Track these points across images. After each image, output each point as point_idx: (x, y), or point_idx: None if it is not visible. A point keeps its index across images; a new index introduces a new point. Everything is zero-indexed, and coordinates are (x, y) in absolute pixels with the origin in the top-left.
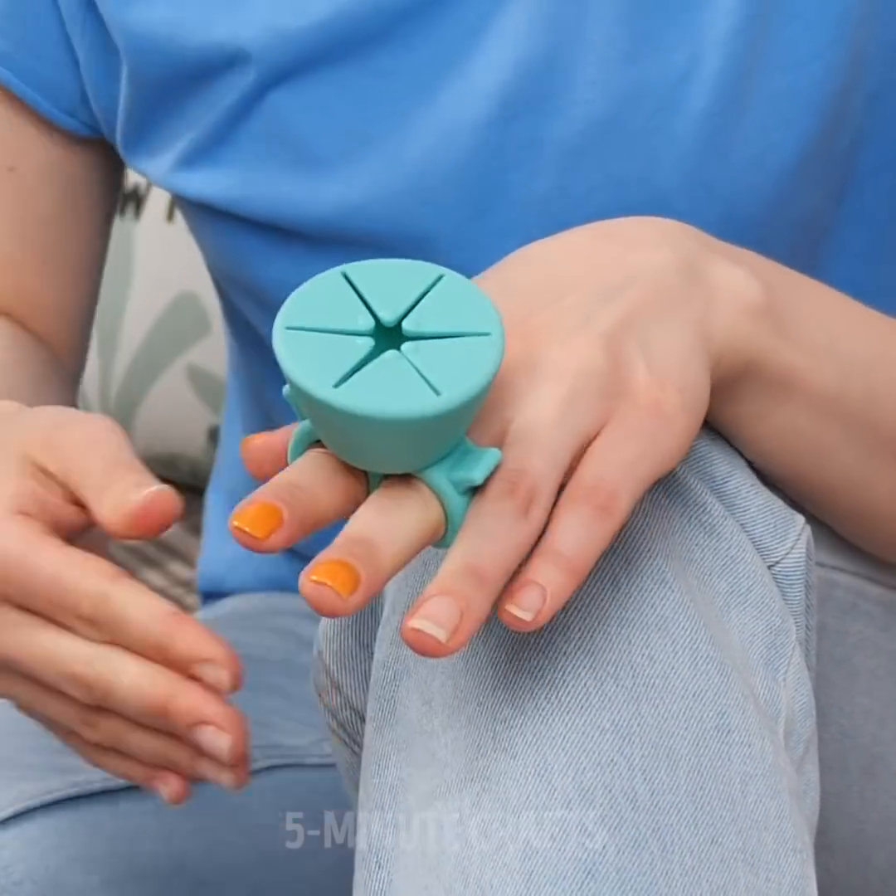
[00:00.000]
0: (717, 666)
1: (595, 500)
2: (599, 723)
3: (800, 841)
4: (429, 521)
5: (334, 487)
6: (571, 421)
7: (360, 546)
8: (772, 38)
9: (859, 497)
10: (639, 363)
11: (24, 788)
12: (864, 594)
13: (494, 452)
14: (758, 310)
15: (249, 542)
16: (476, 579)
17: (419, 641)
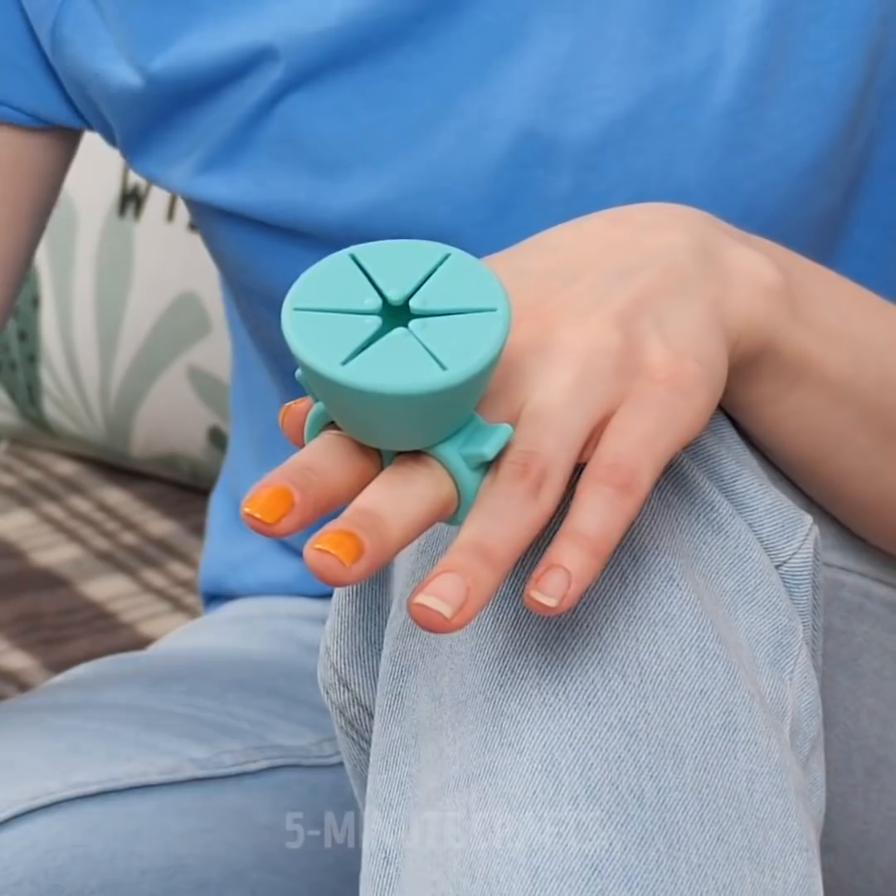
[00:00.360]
0: (724, 664)
1: (616, 478)
2: (606, 719)
3: (805, 839)
4: (439, 497)
5: (347, 467)
6: (585, 401)
7: (366, 517)
8: (795, 36)
9: (871, 485)
10: (655, 339)
11: (24, 789)
12: (870, 595)
13: (506, 428)
14: (774, 291)
15: (260, 527)
16: (484, 558)
17: (424, 616)
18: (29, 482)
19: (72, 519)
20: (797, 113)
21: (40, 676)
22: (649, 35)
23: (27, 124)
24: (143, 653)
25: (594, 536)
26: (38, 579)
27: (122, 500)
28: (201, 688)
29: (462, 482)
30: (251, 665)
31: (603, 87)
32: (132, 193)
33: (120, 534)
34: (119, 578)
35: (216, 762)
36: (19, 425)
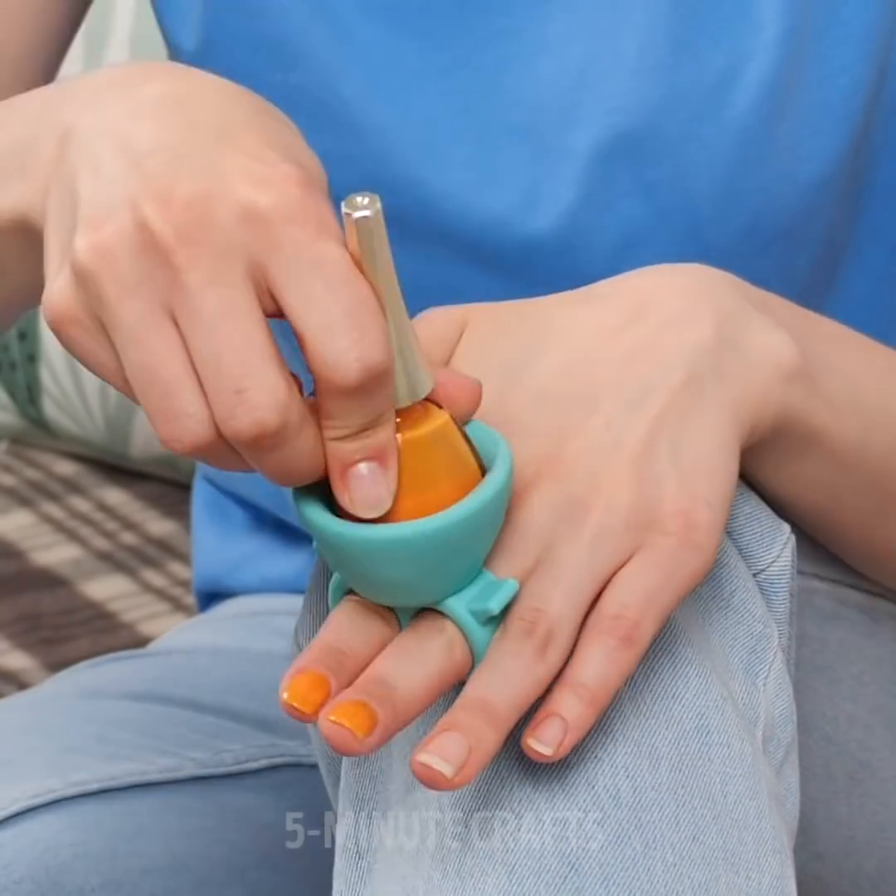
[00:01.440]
0: (696, 668)
1: (618, 631)
2: None
3: (779, 841)
4: (453, 662)
5: (370, 638)
6: (595, 560)
7: (379, 686)
8: (807, 52)
9: (873, 537)
10: (668, 481)
11: (25, 788)
12: (845, 601)
13: (512, 583)
14: (792, 371)
15: (300, 717)
16: (488, 717)
17: (427, 776)
18: (29, 482)
19: (72, 519)
20: (805, 128)
21: (40, 676)
22: (663, 47)
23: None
24: (143, 651)
25: (593, 687)
26: (38, 579)
27: (121, 500)
28: (202, 686)
29: (472, 637)
30: (252, 662)
31: (615, 98)
32: None
33: (120, 534)
34: (119, 578)
35: (217, 761)
36: (19, 425)
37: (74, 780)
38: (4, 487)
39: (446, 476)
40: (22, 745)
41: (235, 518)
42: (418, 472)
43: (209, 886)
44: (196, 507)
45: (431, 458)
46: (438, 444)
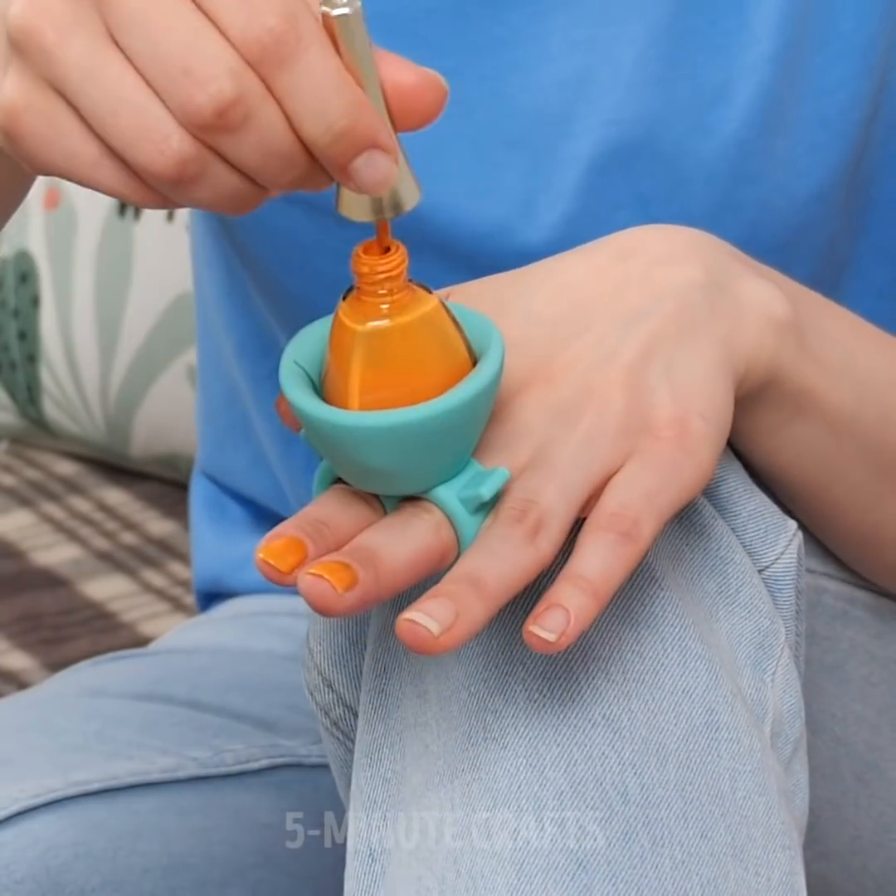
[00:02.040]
0: (706, 664)
1: (618, 526)
2: (591, 716)
3: (788, 837)
4: (439, 542)
5: (355, 517)
6: (588, 459)
7: (361, 552)
8: (803, 66)
9: (865, 518)
10: (662, 393)
11: (25, 787)
12: (854, 601)
13: (503, 471)
14: (783, 325)
15: (273, 574)
16: (475, 589)
17: (411, 632)
18: (29, 482)
19: (72, 519)
20: (802, 142)
21: (40, 676)
22: (660, 60)
23: None
24: (144, 650)
25: (595, 580)
26: (38, 579)
27: (121, 500)
28: (202, 685)
29: (460, 525)
30: (252, 662)
31: (612, 109)
32: None
33: (120, 534)
34: (119, 578)
35: (217, 761)
36: (19, 425)
37: (75, 780)
38: (4, 487)
39: (437, 363)
40: (23, 745)
41: (235, 517)
42: (408, 358)
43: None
44: (195, 506)
45: (422, 344)
46: (428, 329)
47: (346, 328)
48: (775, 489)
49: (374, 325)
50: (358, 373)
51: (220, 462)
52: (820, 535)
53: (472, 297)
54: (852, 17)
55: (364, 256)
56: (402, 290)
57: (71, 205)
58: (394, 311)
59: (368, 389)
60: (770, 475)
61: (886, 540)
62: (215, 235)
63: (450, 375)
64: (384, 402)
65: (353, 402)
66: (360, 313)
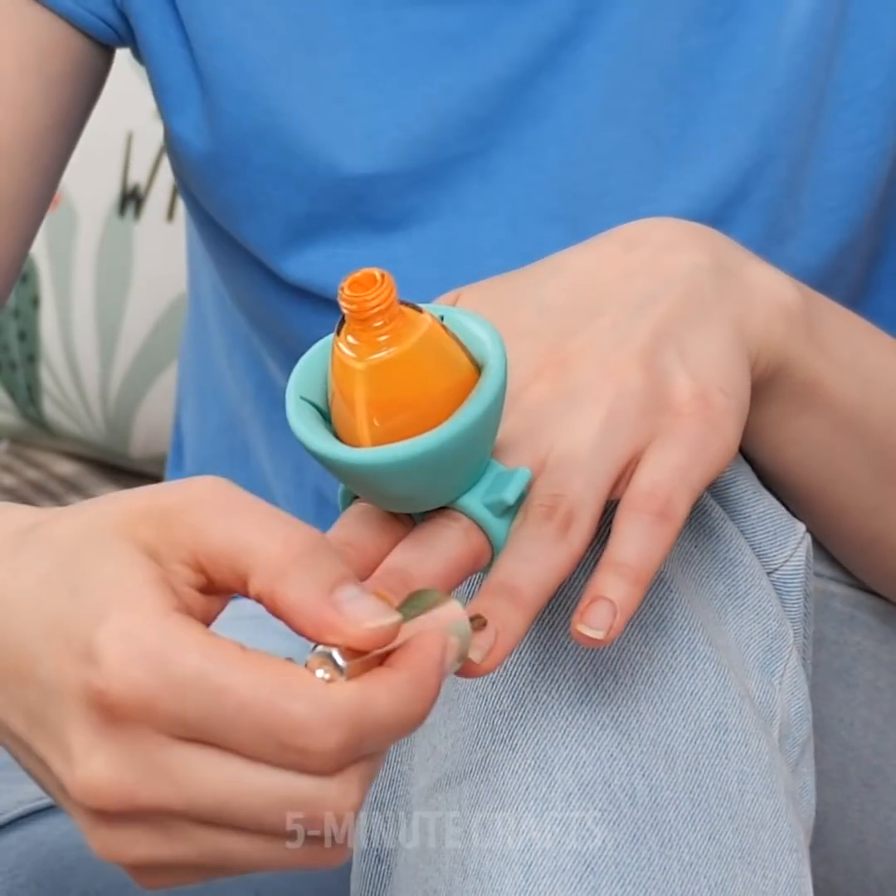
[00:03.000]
0: (714, 666)
1: (653, 506)
2: (599, 718)
3: (796, 840)
4: (469, 549)
5: (381, 536)
6: (612, 444)
7: (392, 576)
8: (828, 122)
9: (869, 523)
10: (679, 373)
11: (29, 791)
12: (861, 605)
13: (524, 471)
14: (793, 312)
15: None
16: (512, 600)
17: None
18: (29, 482)
19: None
20: (831, 198)
21: None
22: (697, 136)
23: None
24: None
25: (635, 565)
26: None
27: None
28: None
29: (490, 530)
30: None
31: (649, 186)
32: (132, 193)
33: None
34: None
35: None
36: (19, 425)
37: None
38: (4, 487)
39: (442, 381)
40: None
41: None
42: (413, 384)
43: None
44: None
45: (423, 367)
46: (428, 350)
47: (346, 366)
48: (779, 490)
49: (375, 360)
50: (364, 407)
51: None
52: (823, 539)
53: (482, 296)
54: (882, 75)
55: (351, 293)
56: (396, 318)
57: (71, 205)
58: (392, 341)
59: (378, 421)
60: (775, 474)
61: (889, 548)
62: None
63: (456, 389)
64: (396, 432)
65: (365, 437)
66: (357, 348)
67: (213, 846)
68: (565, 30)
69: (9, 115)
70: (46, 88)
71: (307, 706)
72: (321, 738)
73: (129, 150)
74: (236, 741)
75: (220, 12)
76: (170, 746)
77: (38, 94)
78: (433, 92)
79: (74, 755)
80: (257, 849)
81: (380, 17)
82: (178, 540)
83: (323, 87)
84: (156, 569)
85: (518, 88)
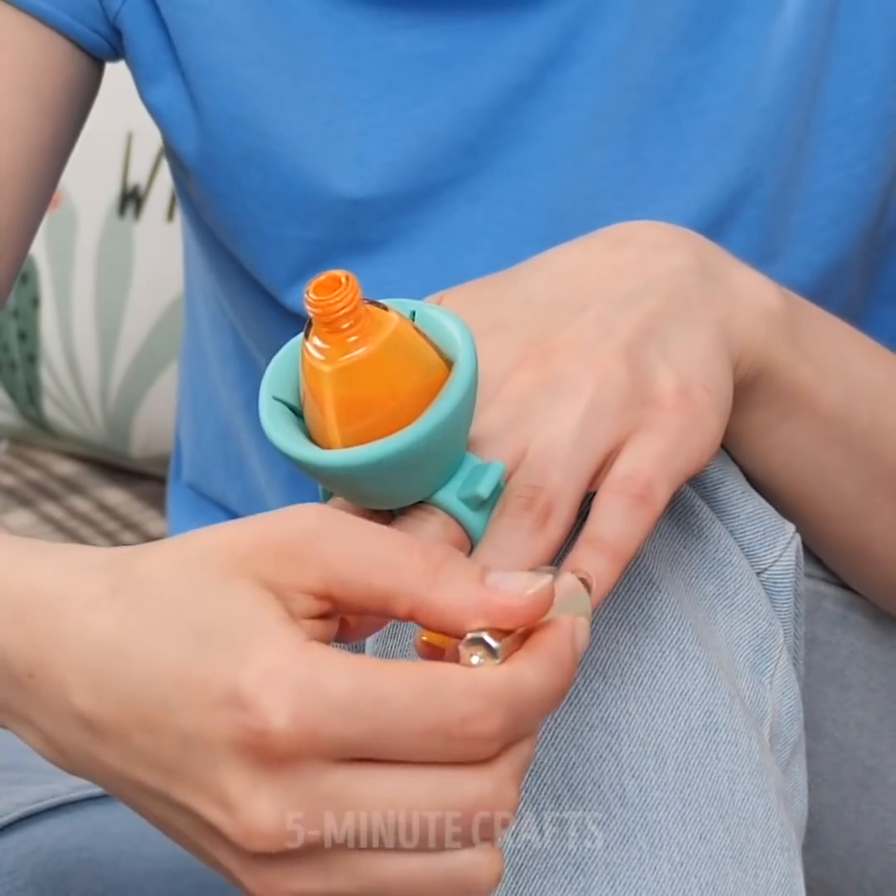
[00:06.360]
0: (704, 666)
1: (632, 489)
2: (588, 719)
3: (787, 839)
4: (448, 541)
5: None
6: (592, 436)
7: None
8: (817, 141)
9: (855, 531)
10: (662, 368)
11: (28, 793)
12: (853, 606)
13: (498, 465)
14: (776, 317)
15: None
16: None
17: (430, 655)
18: (29, 482)
19: (72, 519)
20: (820, 216)
21: None
22: (686, 158)
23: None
24: None
25: (613, 542)
26: None
27: (121, 500)
28: None
29: (467, 524)
30: None
31: (637, 207)
32: (132, 193)
33: (120, 534)
34: None
35: None
36: (19, 425)
37: (78, 784)
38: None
39: (411, 379)
40: (24, 750)
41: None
42: (383, 383)
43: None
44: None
45: (392, 366)
46: (396, 349)
47: (314, 369)
48: (765, 495)
49: (342, 362)
50: (334, 409)
51: (209, 487)
52: (810, 543)
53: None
54: (869, 91)
55: (316, 297)
56: (362, 319)
57: (71, 205)
58: (359, 342)
59: (348, 422)
60: (761, 482)
61: (875, 556)
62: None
63: (427, 387)
64: (367, 432)
65: (335, 439)
66: (325, 351)
67: (369, 874)
68: (551, 52)
69: (3, 138)
70: (40, 110)
71: (467, 692)
72: (485, 720)
73: (129, 150)
74: (400, 748)
75: (211, 37)
76: (331, 772)
77: (32, 116)
78: (421, 115)
79: (234, 800)
80: (416, 868)
81: (366, 42)
82: (305, 571)
83: (312, 112)
84: (281, 603)
85: (505, 111)
